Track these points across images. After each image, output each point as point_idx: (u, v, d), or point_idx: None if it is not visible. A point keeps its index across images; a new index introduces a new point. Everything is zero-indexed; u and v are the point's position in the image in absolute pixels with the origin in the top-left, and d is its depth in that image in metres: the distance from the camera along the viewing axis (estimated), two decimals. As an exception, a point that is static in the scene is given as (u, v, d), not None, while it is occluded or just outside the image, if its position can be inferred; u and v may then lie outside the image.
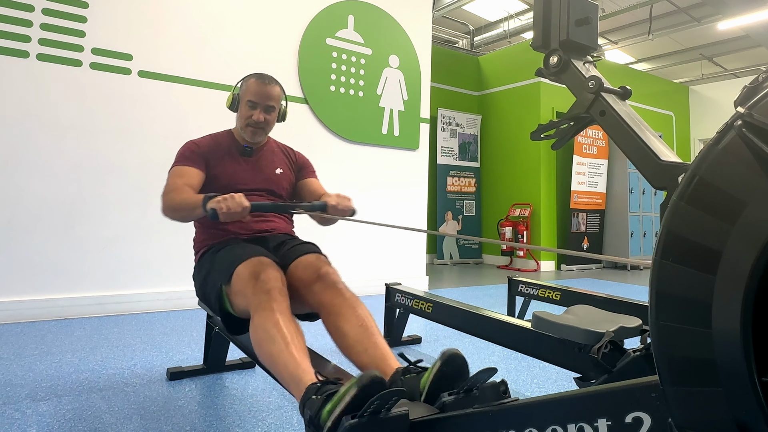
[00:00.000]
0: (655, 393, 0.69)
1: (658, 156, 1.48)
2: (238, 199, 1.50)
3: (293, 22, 4.00)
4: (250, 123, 1.83)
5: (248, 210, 1.51)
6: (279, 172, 1.93)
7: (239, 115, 1.86)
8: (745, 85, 0.91)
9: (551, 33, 1.76)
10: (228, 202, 1.48)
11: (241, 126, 1.86)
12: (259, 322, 1.33)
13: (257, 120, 1.82)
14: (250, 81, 1.85)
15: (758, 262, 0.55)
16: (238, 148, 1.88)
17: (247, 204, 1.51)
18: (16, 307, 2.98)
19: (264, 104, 1.83)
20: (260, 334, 1.31)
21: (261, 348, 1.30)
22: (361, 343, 1.36)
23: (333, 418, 1.00)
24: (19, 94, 3.04)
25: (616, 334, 1.42)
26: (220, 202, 1.48)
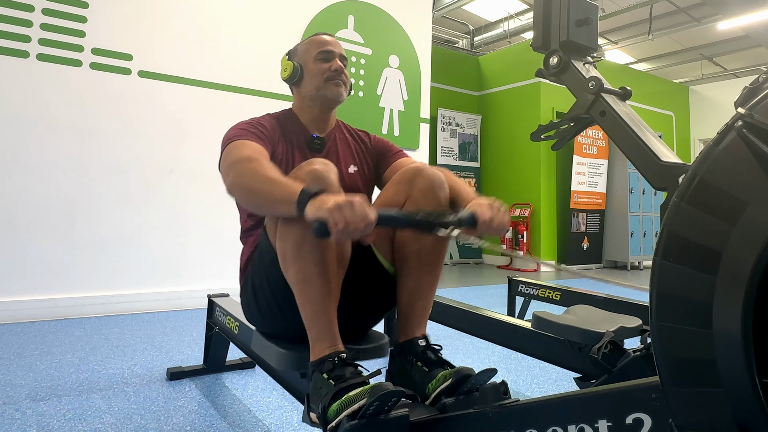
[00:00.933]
0: (655, 394, 0.69)
1: (659, 156, 1.48)
2: (360, 209, 0.97)
3: (293, 22, 4.00)
4: (330, 76, 1.44)
5: (373, 226, 1.01)
6: (353, 170, 1.50)
7: (309, 78, 1.46)
8: (746, 86, 0.91)
9: (551, 33, 1.76)
10: (347, 212, 0.96)
11: (319, 85, 1.44)
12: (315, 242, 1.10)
13: (339, 67, 1.45)
14: (308, 40, 1.51)
15: (759, 263, 0.55)
16: (305, 136, 1.47)
17: (373, 217, 1.00)
18: (16, 307, 2.98)
19: (338, 52, 1.49)
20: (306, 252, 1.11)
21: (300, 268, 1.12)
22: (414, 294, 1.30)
23: (338, 420, 0.99)
24: (19, 94, 3.03)
25: (616, 334, 1.42)
26: (334, 210, 0.96)
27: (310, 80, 1.46)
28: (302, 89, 1.49)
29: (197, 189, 3.50)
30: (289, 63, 1.49)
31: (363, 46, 4.36)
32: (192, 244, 3.53)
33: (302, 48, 1.50)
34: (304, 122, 1.49)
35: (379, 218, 1.03)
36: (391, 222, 1.14)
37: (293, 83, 1.50)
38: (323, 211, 0.97)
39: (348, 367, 1.09)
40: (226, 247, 3.45)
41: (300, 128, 1.48)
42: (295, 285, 1.15)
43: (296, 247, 1.12)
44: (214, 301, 2.06)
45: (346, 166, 1.48)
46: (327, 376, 1.07)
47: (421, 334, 1.29)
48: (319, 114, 1.49)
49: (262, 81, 3.80)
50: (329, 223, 0.96)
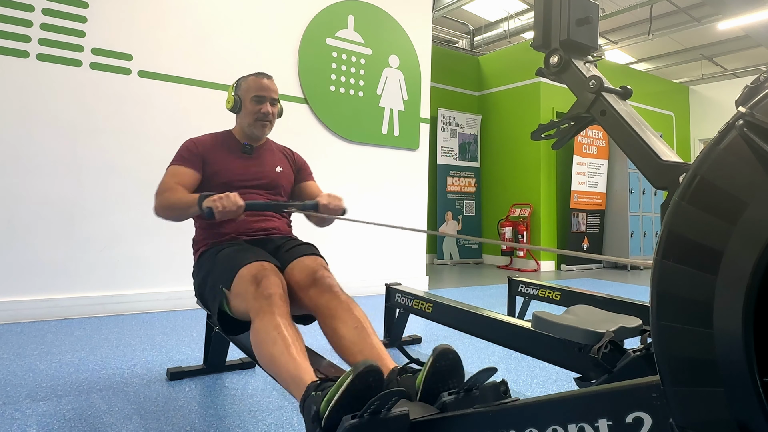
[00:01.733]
0: (656, 393, 0.69)
1: (659, 156, 1.48)
2: (233, 198, 1.56)
3: (293, 22, 4.00)
4: (259, 117, 1.87)
5: (243, 209, 1.59)
6: (279, 170, 1.95)
7: (244, 113, 1.89)
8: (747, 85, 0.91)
9: (552, 33, 1.76)
10: (223, 201, 1.54)
11: (249, 122, 1.88)
12: (260, 326, 1.34)
13: (266, 112, 1.87)
14: (250, 79, 1.90)
15: (759, 262, 0.55)
16: (238, 146, 1.91)
17: (241, 203, 1.58)
18: (16, 307, 2.98)
19: (270, 97, 1.88)
20: (261, 337, 1.32)
21: (262, 350, 1.31)
22: (357, 345, 1.37)
23: (331, 407, 1.01)
24: (19, 94, 3.03)
25: (616, 334, 1.42)
26: (216, 201, 1.54)
27: (244, 115, 1.89)
28: (239, 119, 1.93)
29: (197, 189, 3.50)
30: (232, 96, 1.90)
31: (363, 46, 4.36)
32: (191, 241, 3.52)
33: (245, 85, 1.89)
34: (239, 139, 1.94)
35: (247, 205, 1.61)
36: (256, 207, 1.71)
37: (234, 112, 1.93)
38: (209, 201, 1.56)
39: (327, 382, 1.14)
40: (226, 247, 3.45)
41: (235, 142, 1.93)
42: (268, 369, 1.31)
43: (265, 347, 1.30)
44: (214, 301, 2.06)
45: (273, 166, 1.94)
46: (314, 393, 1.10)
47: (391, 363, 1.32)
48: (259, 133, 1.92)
49: (262, 81, 3.80)
50: (213, 208, 1.53)
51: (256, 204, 1.70)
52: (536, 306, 3.04)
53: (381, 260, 4.41)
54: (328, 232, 2.48)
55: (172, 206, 1.68)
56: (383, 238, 4.42)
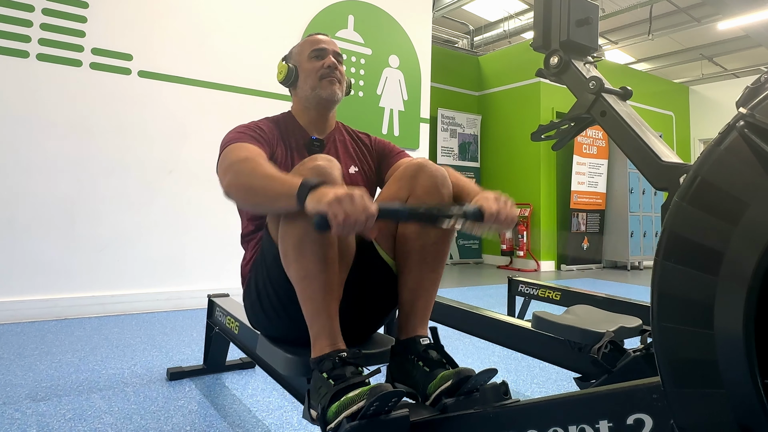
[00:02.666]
0: (656, 394, 0.69)
1: (660, 156, 1.48)
2: (360, 201, 0.96)
3: (293, 22, 3.99)
4: (324, 73, 1.44)
5: (374, 219, 0.99)
6: (354, 171, 1.49)
7: (304, 78, 1.46)
8: (747, 86, 0.91)
9: (552, 33, 1.76)
10: (346, 205, 0.95)
11: (313, 84, 1.45)
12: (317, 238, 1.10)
13: (331, 64, 1.45)
14: (305, 39, 1.52)
15: (760, 263, 0.55)
16: (303, 138, 1.47)
17: (373, 209, 0.98)
18: (16, 307, 2.97)
19: (332, 49, 1.48)
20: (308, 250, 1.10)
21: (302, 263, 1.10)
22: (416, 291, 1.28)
23: (337, 421, 0.99)
24: (19, 94, 3.03)
25: (616, 334, 1.42)
26: (333, 203, 0.94)
27: (305, 80, 1.46)
28: (299, 91, 1.49)
29: (197, 189, 3.50)
30: (284, 65, 1.49)
31: (363, 46, 4.36)
32: (192, 244, 3.52)
33: (296, 49, 1.52)
34: (302, 124, 1.49)
35: (381, 211, 1.01)
36: (393, 215, 1.12)
37: (289, 85, 1.51)
38: (323, 204, 0.95)
39: (348, 366, 1.09)
40: (226, 247, 3.45)
41: (299, 130, 1.47)
42: (297, 282, 1.14)
43: (297, 244, 1.11)
44: (214, 301, 2.06)
45: (346, 167, 1.48)
46: (327, 375, 1.07)
47: (423, 332, 1.28)
48: (317, 115, 1.49)
49: (262, 81, 3.80)
50: (329, 216, 0.95)
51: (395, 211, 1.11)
52: (536, 306, 3.04)
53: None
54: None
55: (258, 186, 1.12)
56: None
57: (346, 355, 1.11)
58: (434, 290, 1.32)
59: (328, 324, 1.13)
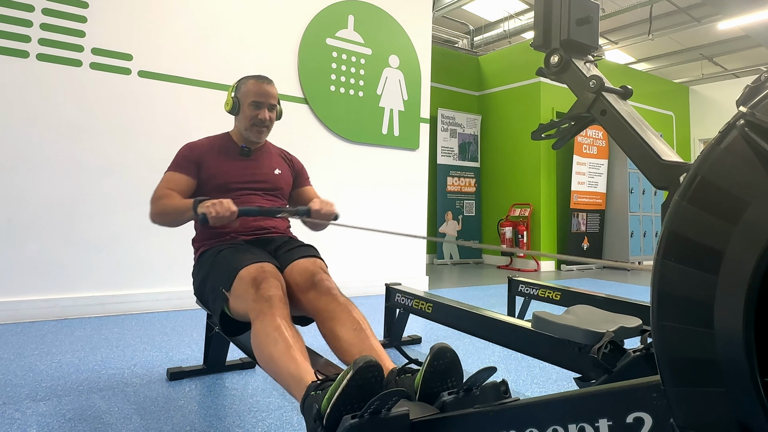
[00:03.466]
0: (656, 393, 0.69)
1: (660, 156, 1.47)
2: (226, 204, 1.59)
3: (293, 22, 3.99)
4: (256, 123, 1.87)
5: (236, 215, 1.61)
6: (278, 172, 1.97)
7: (242, 117, 1.89)
8: (748, 85, 0.91)
9: (552, 32, 1.76)
10: (217, 207, 1.57)
11: (246, 127, 1.89)
12: (261, 327, 1.34)
13: (263, 118, 1.87)
14: (250, 82, 1.89)
15: (760, 262, 0.55)
16: (236, 149, 1.92)
17: (234, 209, 1.60)
18: (16, 307, 2.97)
19: (268, 103, 1.88)
20: (261, 339, 1.33)
21: (262, 352, 1.31)
22: (356, 346, 1.37)
23: (332, 404, 1.01)
24: (19, 94, 3.03)
25: (616, 334, 1.42)
26: (209, 207, 1.57)
27: (242, 119, 1.90)
28: (237, 121, 1.94)
29: (197, 189, 3.50)
30: (231, 98, 1.90)
31: (363, 46, 4.36)
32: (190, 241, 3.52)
33: (244, 89, 1.89)
34: (237, 141, 1.95)
35: (240, 211, 1.64)
36: (249, 213, 1.71)
37: (233, 114, 1.92)
38: (203, 207, 1.59)
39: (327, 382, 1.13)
40: (226, 247, 3.45)
41: (233, 144, 1.94)
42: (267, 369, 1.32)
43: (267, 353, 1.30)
44: (214, 301, 2.06)
45: (272, 168, 1.95)
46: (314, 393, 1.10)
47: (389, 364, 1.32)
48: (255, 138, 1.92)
49: (262, 81, 3.80)
50: (207, 213, 1.56)
51: (249, 210, 1.71)
52: (536, 306, 3.04)
53: (381, 260, 4.41)
54: (328, 232, 2.48)
55: (168, 212, 1.71)
56: (383, 238, 4.42)
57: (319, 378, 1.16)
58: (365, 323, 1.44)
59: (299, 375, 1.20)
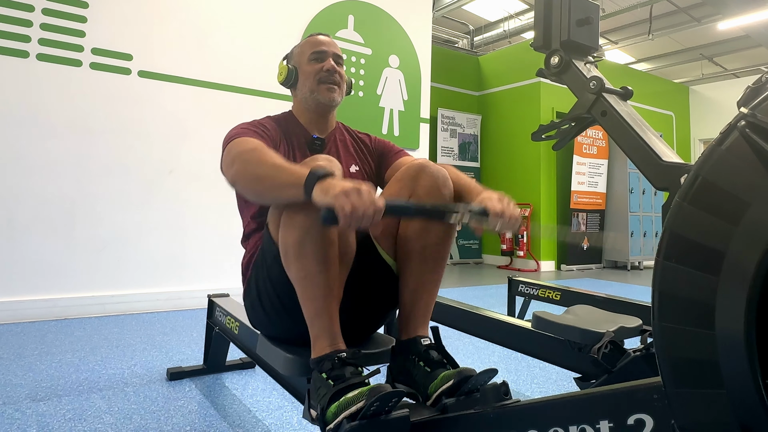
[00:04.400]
0: (657, 395, 0.69)
1: (660, 156, 1.47)
2: (367, 195, 0.96)
3: (293, 22, 3.99)
4: (323, 78, 1.44)
5: (382, 213, 0.99)
6: (354, 170, 1.51)
7: (304, 80, 1.47)
8: (748, 86, 0.91)
9: (552, 33, 1.76)
10: (354, 198, 0.94)
11: (311, 87, 1.45)
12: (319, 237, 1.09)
13: (330, 68, 1.44)
14: (305, 40, 1.52)
15: (762, 263, 0.55)
16: (305, 137, 1.48)
17: (381, 204, 0.98)
18: (16, 307, 2.97)
19: (332, 52, 1.47)
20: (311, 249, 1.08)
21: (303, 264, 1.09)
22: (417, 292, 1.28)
23: (336, 422, 0.99)
24: (19, 94, 3.03)
25: (616, 334, 1.42)
26: (340, 195, 0.94)
27: (304, 82, 1.47)
28: (298, 92, 1.50)
29: (197, 189, 3.50)
30: (284, 66, 1.50)
31: (363, 46, 4.36)
32: (192, 243, 3.52)
33: (297, 50, 1.52)
34: (303, 124, 1.50)
35: (388, 206, 1.00)
36: (401, 211, 1.13)
37: (289, 86, 1.51)
38: (330, 196, 0.95)
39: (348, 366, 1.08)
40: (226, 247, 3.45)
41: (300, 130, 1.48)
42: (297, 282, 1.14)
43: (298, 244, 1.10)
44: (214, 302, 2.06)
45: (347, 165, 1.49)
46: (326, 375, 1.07)
47: (424, 333, 1.28)
48: (316, 116, 1.50)
49: (262, 81, 3.80)
50: (336, 208, 0.94)
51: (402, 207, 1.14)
52: (536, 306, 3.04)
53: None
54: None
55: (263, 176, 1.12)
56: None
57: (346, 356, 1.10)
58: (435, 291, 1.32)
59: (328, 324, 1.13)
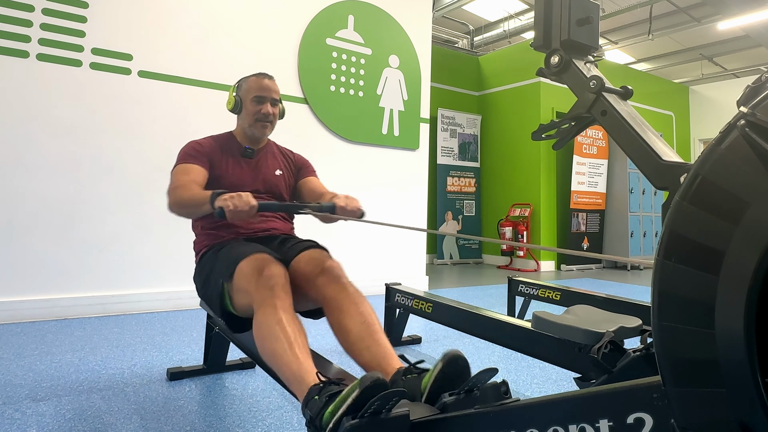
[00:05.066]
0: (657, 394, 0.69)
1: (660, 156, 1.47)
2: (245, 198, 1.48)
3: (293, 22, 3.99)
4: (259, 118, 1.85)
5: (255, 209, 1.49)
6: (278, 173, 1.95)
7: (245, 114, 1.87)
8: (748, 85, 0.91)
9: (552, 33, 1.76)
10: (235, 200, 1.46)
11: (250, 123, 1.86)
12: (262, 320, 1.32)
13: (266, 113, 1.85)
14: (251, 79, 1.88)
15: (761, 263, 0.55)
16: (239, 149, 1.89)
17: (254, 203, 1.49)
18: (16, 307, 2.97)
19: (270, 97, 1.86)
20: (263, 332, 1.30)
21: (264, 346, 1.29)
22: (364, 341, 1.36)
23: (335, 419, 1.00)
24: (19, 94, 3.03)
25: (616, 334, 1.42)
26: (227, 200, 1.46)
27: (245, 116, 1.88)
28: (239, 120, 1.92)
29: (197, 189, 3.50)
30: (232, 97, 1.89)
31: (363, 46, 4.36)
32: (191, 243, 3.52)
33: (245, 86, 1.88)
34: (240, 141, 1.92)
35: (260, 205, 1.51)
36: (270, 208, 1.63)
37: (236, 113, 1.91)
38: (221, 200, 1.47)
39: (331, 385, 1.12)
40: (226, 247, 3.45)
41: (236, 144, 1.91)
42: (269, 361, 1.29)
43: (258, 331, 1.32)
44: (214, 301, 2.06)
45: (273, 169, 1.94)
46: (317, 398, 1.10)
47: (397, 363, 1.31)
48: (251, 141, 1.92)
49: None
50: (225, 207, 1.45)
51: (269, 205, 1.61)
52: (536, 306, 3.04)
53: (381, 260, 4.41)
54: (328, 232, 2.49)
55: (185, 203, 1.63)
56: (383, 238, 4.42)
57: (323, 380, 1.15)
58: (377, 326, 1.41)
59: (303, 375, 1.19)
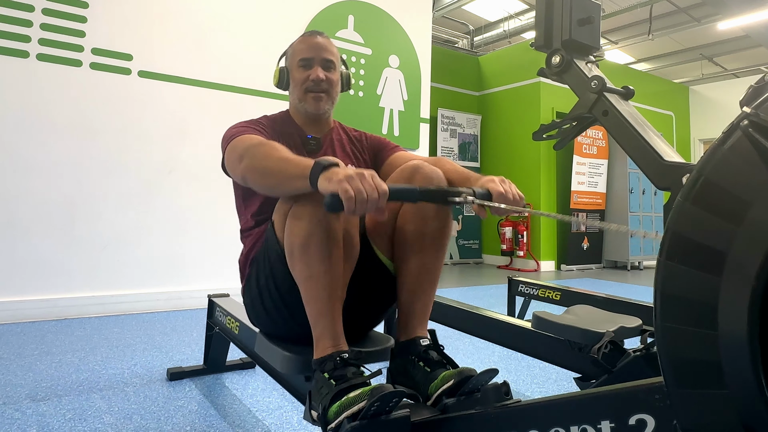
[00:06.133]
0: (659, 395, 0.69)
1: (662, 156, 1.47)
2: (372, 180, 0.96)
3: (293, 22, 3.99)
4: (309, 87, 1.42)
5: (386, 197, 0.99)
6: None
7: (293, 86, 1.46)
8: (751, 85, 0.91)
9: (553, 33, 1.76)
10: (357, 183, 0.94)
11: (299, 96, 1.44)
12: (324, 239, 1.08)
13: (317, 78, 1.41)
14: (296, 41, 1.49)
15: (764, 264, 0.55)
16: (300, 136, 1.47)
17: (385, 187, 0.98)
18: (16, 307, 2.97)
19: (320, 57, 1.43)
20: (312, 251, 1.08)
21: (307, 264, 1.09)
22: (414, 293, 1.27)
23: (341, 418, 0.99)
24: (19, 94, 3.03)
25: (616, 334, 1.41)
26: (345, 182, 0.94)
27: (293, 89, 1.46)
28: (291, 95, 1.50)
29: (197, 189, 3.50)
30: (278, 69, 1.50)
31: (363, 46, 4.35)
32: (192, 243, 3.52)
33: (290, 50, 1.50)
34: (299, 124, 1.49)
35: (391, 190, 1.00)
36: (405, 194, 1.08)
37: (283, 88, 1.50)
38: (333, 182, 0.94)
39: (350, 366, 1.08)
40: (225, 247, 3.45)
41: (296, 129, 1.48)
42: (301, 282, 1.13)
43: (304, 243, 1.10)
44: (215, 302, 2.06)
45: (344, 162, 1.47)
46: (328, 375, 1.07)
47: (423, 333, 1.28)
48: (309, 120, 1.49)
49: (262, 81, 3.80)
50: (340, 193, 0.93)
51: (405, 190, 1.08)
52: (536, 306, 3.03)
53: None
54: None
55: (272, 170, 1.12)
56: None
57: (348, 356, 1.10)
58: (432, 291, 1.32)
59: (330, 325, 1.12)
